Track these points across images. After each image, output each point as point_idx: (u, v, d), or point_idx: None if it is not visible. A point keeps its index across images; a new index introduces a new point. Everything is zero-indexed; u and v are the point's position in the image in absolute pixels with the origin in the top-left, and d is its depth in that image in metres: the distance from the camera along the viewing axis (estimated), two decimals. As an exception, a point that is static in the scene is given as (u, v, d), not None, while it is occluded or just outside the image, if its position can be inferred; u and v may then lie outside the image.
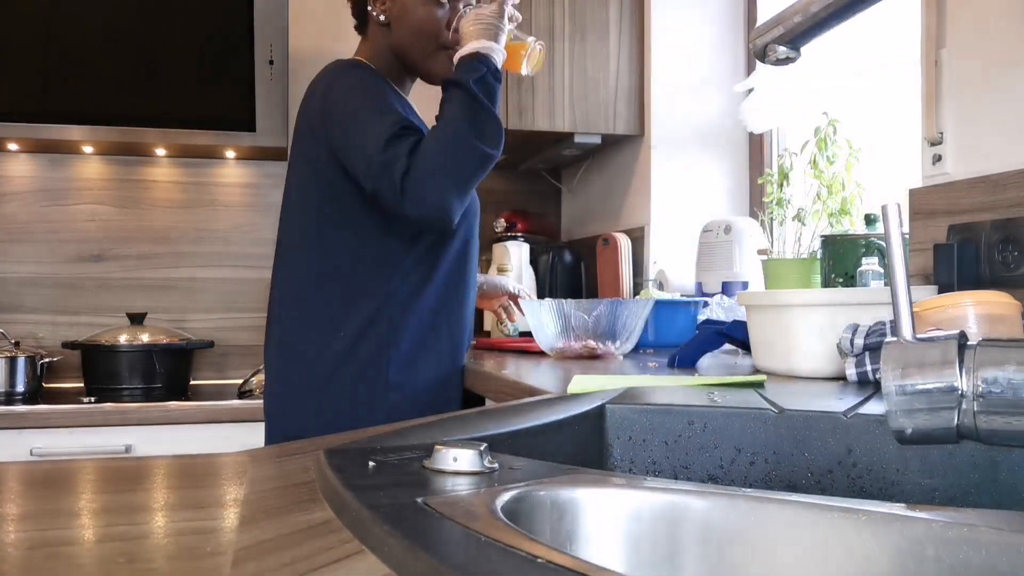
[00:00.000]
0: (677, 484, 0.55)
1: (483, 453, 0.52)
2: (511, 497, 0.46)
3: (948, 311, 0.97)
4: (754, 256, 1.99)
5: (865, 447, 0.77)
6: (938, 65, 1.44)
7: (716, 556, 0.49)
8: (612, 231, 2.55)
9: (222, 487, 0.56)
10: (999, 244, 1.29)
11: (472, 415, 0.75)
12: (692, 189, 2.47)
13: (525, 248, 2.66)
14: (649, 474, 0.82)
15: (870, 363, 1.03)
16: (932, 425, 0.55)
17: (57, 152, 2.78)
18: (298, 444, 0.67)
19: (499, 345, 2.00)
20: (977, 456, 0.72)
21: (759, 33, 0.85)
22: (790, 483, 0.79)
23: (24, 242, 2.80)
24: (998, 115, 1.35)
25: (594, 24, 2.50)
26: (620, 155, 2.68)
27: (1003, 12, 1.34)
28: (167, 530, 0.45)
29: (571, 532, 0.50)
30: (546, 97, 2.46)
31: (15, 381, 2.38)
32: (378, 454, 0.57)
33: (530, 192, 3.25)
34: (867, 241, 1.57)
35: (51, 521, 0.48)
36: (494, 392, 1.37)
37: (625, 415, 0.83)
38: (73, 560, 0.41)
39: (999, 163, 1.34)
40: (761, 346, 1.23)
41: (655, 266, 2.42)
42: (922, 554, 0.45)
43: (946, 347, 0.55)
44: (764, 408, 0.81)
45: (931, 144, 1.46)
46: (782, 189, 1.87)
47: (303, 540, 0.42)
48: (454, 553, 0.37)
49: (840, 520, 0.47)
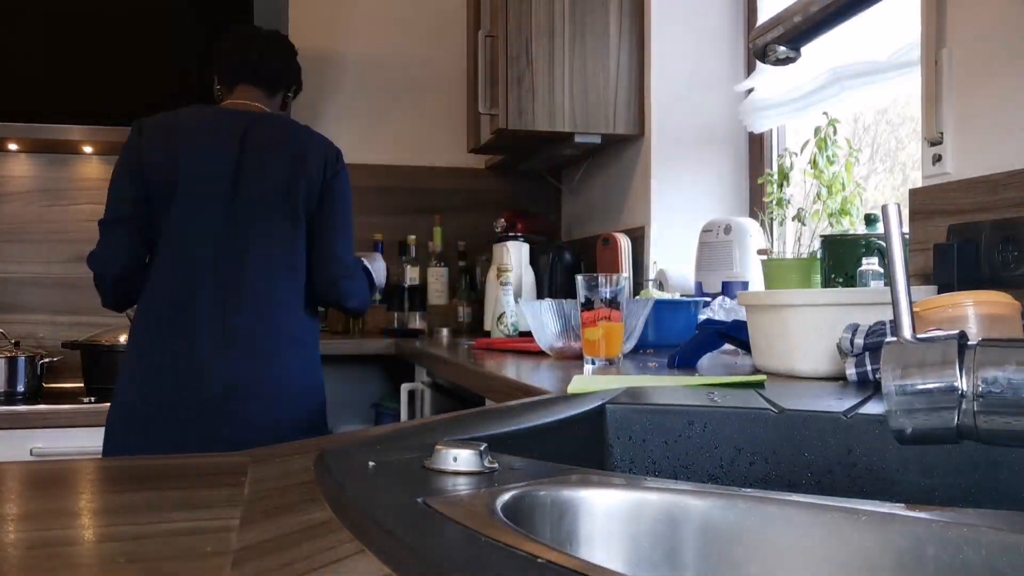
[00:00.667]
0: (677, 484, 0.55)
1: (483, 453, 0.52)
2: (511, 497, 0.46)
3: (948, 311, 0.97)
4: (754, 256, 1.99)
5: (865, 447, 0.77)
6: (938, 65, 1.44)
7: (716, 556, 0.49)
8: (612, 231, 2.55)
9: (222, 487, 0.56)
10: (999, 244, 1.29)
11: (472, 415, 0.75)
12: (692, 189, 2.47)
13: (525, 248, 2.66)
14: (649, 474, 0.82)
15: (870, 363, 1.03)
16: (932, 425, 0.55)
17: (57, 152, 2.78)
18: (298, 444, 0.67)
19: (499, 345, 2.00)
20: (977, 456, 0.72)
21: (759, 33, 0.85)
22: (790, 483, 0.79)
23: (24, 242, 2.80)
24: (998, 115, 1.35)
25: (594, 24, 2.50)
26: (620, 155, 2.67)
27: (1003, 12, 1.34)
28: (167, 530, 0.45)
29: (571, 532, 0.50)
30: (546, 97, 2.46)
31: (15, 381, 2.38)
32: (378, 454, 0.57)
33: (530, 192, 3.25)
34: (867, 241, 1.57)
35: (51, 521, 0.48)
36: (494, 392, 1.37)
37: (625, 415, 0.83)
38: (73, 560, 0.41)
39: (999, 163, 1.34)
40: (761, 346, 1.23)
41: (655, 266, 2.42)
42: (922, 554, 0.45)
43: (946, 347, 0.55)
44: (764, 408, 0.81)
45: (931, 144, 1.46)
46: (782, 189, 1.87)
47: (303, 540, 0.42)
48: (454, 553, 0.37)
49: (840, 520, 0.47)
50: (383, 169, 3.16)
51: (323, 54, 3.09)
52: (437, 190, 3.19)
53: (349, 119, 3.13)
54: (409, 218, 3.15)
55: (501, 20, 2.45)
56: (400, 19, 3.14)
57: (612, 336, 1.39)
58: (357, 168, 3.13)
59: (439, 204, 3.17)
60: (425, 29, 3.16)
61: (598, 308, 1.39)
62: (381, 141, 3.15)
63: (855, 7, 0.77)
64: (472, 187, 3.23)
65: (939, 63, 1.44)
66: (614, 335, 1.40)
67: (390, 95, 3.16)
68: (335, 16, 3.09)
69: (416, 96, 3.18)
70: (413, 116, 3.18)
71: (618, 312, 1.40)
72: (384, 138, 3.15)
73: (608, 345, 1.39)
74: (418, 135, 3.18)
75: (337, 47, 3.10)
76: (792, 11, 0.80)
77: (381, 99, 3.16)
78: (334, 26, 3.09)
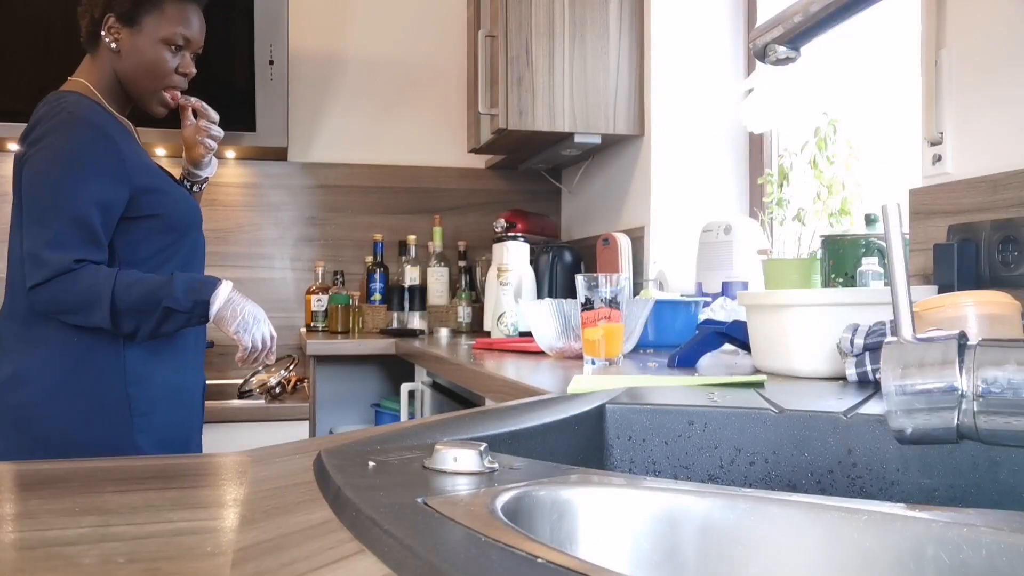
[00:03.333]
0: (677, 484, 0.54)
1: (483, 453, 0.52)
2: (511, 497, 0.46)
3: (948, 311, 0.97)
4: (754, 256, 1.99)
5: (865, 447, 0.77)
6: (938, 65, 1.44)
7: (716, 556, 0.49)
8: (612, 231, 2.55)
9: (222, 487, 0.56)
10: (999, 244, 1.29)
11: (472, 415, 0.75)
12: (692, 189, 2.47)
13: (525, 248, 2.66)
14: (649, 474, 0.82)
15: (870, 363, 1.03)
16: (932, 425, 0.55)
17: (57, 152, 2.78)
18: (298, 444, 0.67)
19: (499, 345, 2.00)
20: (977, 456, 0.72)
21: (759, 33, 0.85)
22: (790, 483, 0.79)
23: (24, 242, 2.79)
24: (998, 115, 1.35)
25: (594, 24, 2.50)
26: (620, 155, 2.68)
27: (1003, 12, 1.34)
28: (167, 530, 0.45)
29: (571, 532, 0.50)
30: (546, 97, 2.46)
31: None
32: (378, 454, 0.57)
33: (530, 192, 3.25)
34: (867, 241, 1.57)
35: (51, 521, 0.48)
36: (494, 392, 1.37)
37: (625, 415, 0.83)
38: (73, 560, 0.41)
39: (999, 163, 1.34)
40: (761, 346, 1.23)
41: (655, 266, 2.42)
42: (922, 554, 0.45)
43: (946, 347, 0.55)
44: (764, 408, 0.81)
45: (931, 144, 1.46)
46: (782, 189, 1.86)
47: (303, 540, 0.42)
48: (454, 553, 0.37)
49: (840, 520, 0.47)
50: (383, 169, 3.16)
51: (323, 54, 3.09)
52: (437, 190, 3.19)
53: (349, 119, 3.13)
54: (409, 218, 3.15)
55: (501, 20, 2.45)
56: (400, 19, 3.14)
57: (612, 336, 1.39)
58: (357, 168, 3.14)
59: (439, 204, 3.17)
60: (425, 29, 3.16)
61: (598, 308, 1.39)
62: (381, 141, 3.15)
63: (855, 7, 0.76)
64: (472, 187, 3.23)
65: (939, 63, 1.44)
66: (614, 335, 1.40)
67: (390, 95, 3.16)
68: (335, 16, 3.09)
69: (416, 96, 3.18)
70: (413, 116, 3.18)
71: (618, 312, 1.40)
72: (384, 138, 3.15)
73: (608, 345, 1.39)
74: (418, 135, 3.18)
75: (337, 47, 3.10)
76: (792, 11, 0.80)
77: (381, 99, 3.16)
78: (334, 26, 3.09)
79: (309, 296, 2.95)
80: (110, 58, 1.67)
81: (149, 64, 1.66)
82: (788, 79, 2.10)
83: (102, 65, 1.68)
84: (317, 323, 2.93)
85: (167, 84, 1.69)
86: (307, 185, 3.09)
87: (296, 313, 3.05)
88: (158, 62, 1.67)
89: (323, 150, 3.12)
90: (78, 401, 1.55)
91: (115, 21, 1.65)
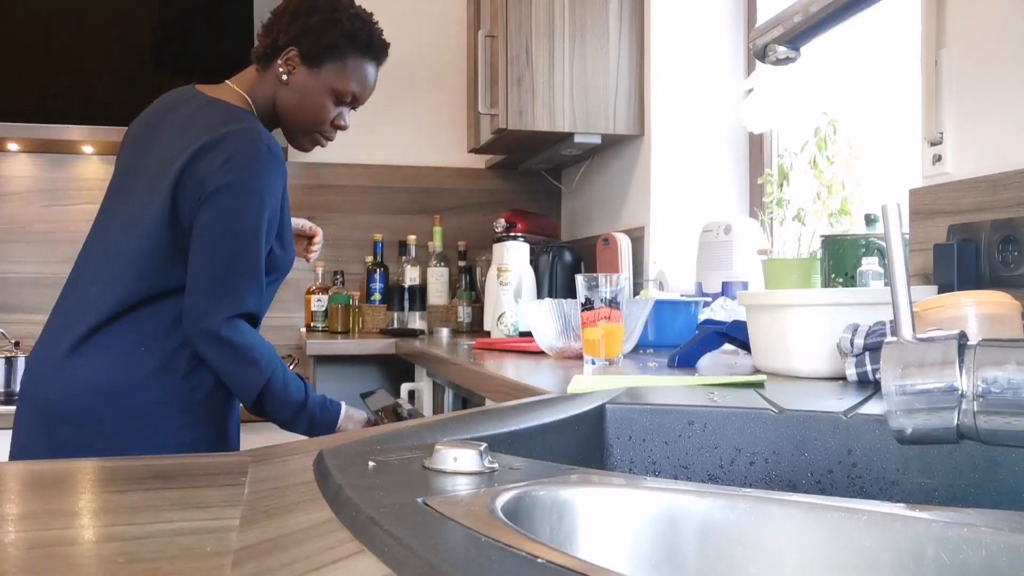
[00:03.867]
0: (677, 484, 0.55)
1: (483, 453, 0.52)
2: (511, 497, 0.46)
3: (948, 311, 0.97)
4: (754, 256, 1.99)
5: (865, 447, 0.77)
6: (938, 65, 1.44)
7: (716, 556, 0.49)
8: (612, 231, 2.55)
9: (222, 487, 0.56)
10: (999, 244, 1.29)
11: (472, 415, 0.75)
12: (692, 189, 2.47)
13: (525, 248, 2.66)
14: (649, 474, 0.82)
15: (870, 363, 1.03)
16: (932, 425, 0.55)
17: (57, 152, 2.78)
18: (298, 444, 0.67)
19: (499, 345, 2.00)
20: (977, 456, 0.72)
21: (759, 33, 0.85)
22: (790, 483, 0.79)
23: (24, 242, 2.80)
24: (998, 115, 1.35)
25: (594, 24, 2.50)
26: (620, 155, 2.68)
27: (1003, 12, 1.34)
28: (167, 530, 0.45)
29: (571, 532, 0.50)
30: (546, 97, 2.46)
31: (15, 381, 2.38)
32: (378, 454, 0.57)
33: (530, 192, 3.25)
34: (867, 241, 1.57)
35: (51, 521, 0.48)
36: (494, 392, 1.37)
37: (625, 415, 0.83)
38: (73, 560, 0.41)
39: (999, 163, 1.34)
40: (761, 346, 1.23)
41: (655, 266, 2.42)
42: (922, 554, 0.45)
43: (946, 347, 0.55)
44: (764, 408, 0.81)
45: (931, 144, 1.46)
46: (782, 189, 1.86)
47: (303, 540, 0.42)
48: (454, 553, 0.37)
49: (840, 520, 0.47)
50: (383, 169, 3.16)
51: (323, 54, 3.09)
52: (437, 190, 3.19)
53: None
54: (409, 218, 3.15)
55: (501, 20, 2.45)
56: (400, 19, 3.14)
57: (612, 336, 1.39)
58: (357, 168, 3.14)
59: (439, 204, 3.17)
60: (425, 29, 3.16)
61: (598, 308, 1.39)
62: (381, 141, 3.15)
63: (855, 7, 0.77)
64: (472, 187, 3.23)
65: (939, 63, 1.44)
66: (614, 335, 1.40)
67: (390, 95, 3.16)
68: (335, 16, 3.09)
69: (416, 96, 3.18)
70: (413, 116, 3.18)
71: (618, 312, 1.40)
72: (384, 138, 3.15)
73: (608, 345, 1.39)
74: (418, 135, 3.18)
75: (337, 47, 3.10)
76: (792, 11, 0.81)
77: (381, 99, 3.15)
78: (334, 26, 3.08)
79: (309, 296, 2.95)
80: (275, 84, 1.64)
81: (311, 108, 1.64)
82: (788, 79, 2.10)
83: (265, 87, 1.65)
84: (317, 323, 2.93)
85: (320, 132, 1.68)
86: (307, 185, 3.09)
87: (296, 313, 3.05)
88: (321, 109, 1.65)
89: (323, 150, 3.11)
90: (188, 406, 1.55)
91: (296, 55, 1.63)
